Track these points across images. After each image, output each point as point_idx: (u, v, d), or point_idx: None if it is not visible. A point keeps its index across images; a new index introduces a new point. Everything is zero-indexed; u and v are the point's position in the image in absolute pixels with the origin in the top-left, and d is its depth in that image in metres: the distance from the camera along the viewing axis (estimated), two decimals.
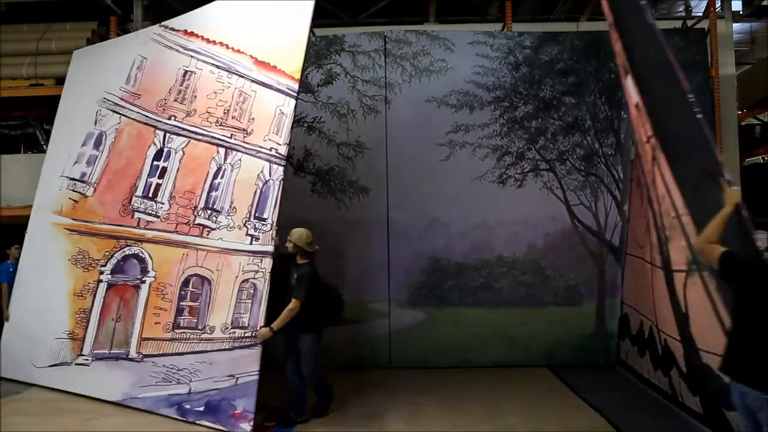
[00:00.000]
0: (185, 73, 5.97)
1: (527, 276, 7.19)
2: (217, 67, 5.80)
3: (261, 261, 5.15)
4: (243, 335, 5.06)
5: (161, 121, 5.96)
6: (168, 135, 5.91)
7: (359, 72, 7.32)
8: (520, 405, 5.57)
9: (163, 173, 5.83)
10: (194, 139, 5.77)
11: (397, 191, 7.20)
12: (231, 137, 5.58)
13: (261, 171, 5.36)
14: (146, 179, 5.89)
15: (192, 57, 5.97)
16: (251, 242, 5.24)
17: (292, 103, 5.26)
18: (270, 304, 5.03)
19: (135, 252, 5.77)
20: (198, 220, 5.53)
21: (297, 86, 5.28)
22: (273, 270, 5.09)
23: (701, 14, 8.83)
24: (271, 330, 4.91)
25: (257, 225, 5.25)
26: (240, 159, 5.51)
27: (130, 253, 5.78)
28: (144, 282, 5.63)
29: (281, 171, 5.26)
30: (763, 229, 7.38)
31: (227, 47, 5.79)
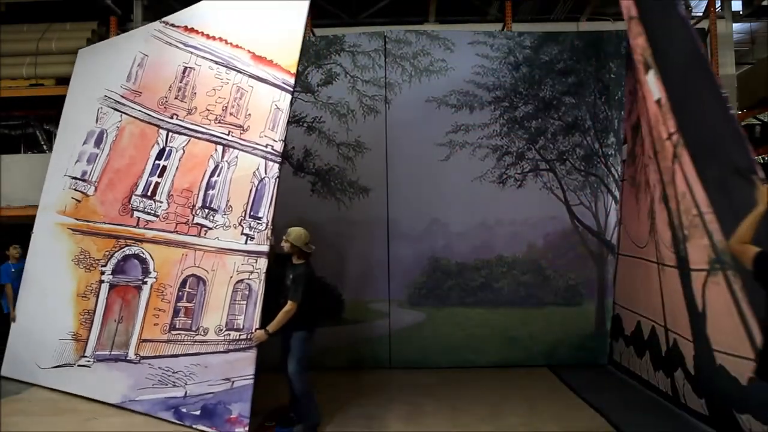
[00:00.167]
0: (185, 70, 5.85)
1: (527, 276, 7.19)
2: (216, 63, 5.67)
3: (256, 261, 5.01)
4: (238, 337, 4.94)
5: (164, 120, 5.86)
6: (170, 134, 5.80)
7: (359, 72, 7.31)
8: (520, 405, 5.57)
9: (163, 172, 5.72)
10: (195, 138, 5.65)
11: (397, 191, 7.19)
12: (228, 134, 5.45)
13: (257, 168, 5.22)
14: (147, 178, 5.79)
15: (192, 53, 5.84)
16: (246, 242, 5.10)
17: (288, 98, 5.14)
18: (266, 306, 4.90)
19: (135, 252, 5.67)
20: (196, 220, 5.42)
21: (293, 80, 5.15)
22: (268, 270, 4.97)
23: (701, 14, 8.84)
24: (267, 332, 4.78)
25: (252, 224, 5.11)
26: (237, 156, 5.37)
27: (131, 253, 5.69)
28: (146, 283, 5.55)
29: (277, 168, 5.10)
30: None
31: (226, 42, 5.65)
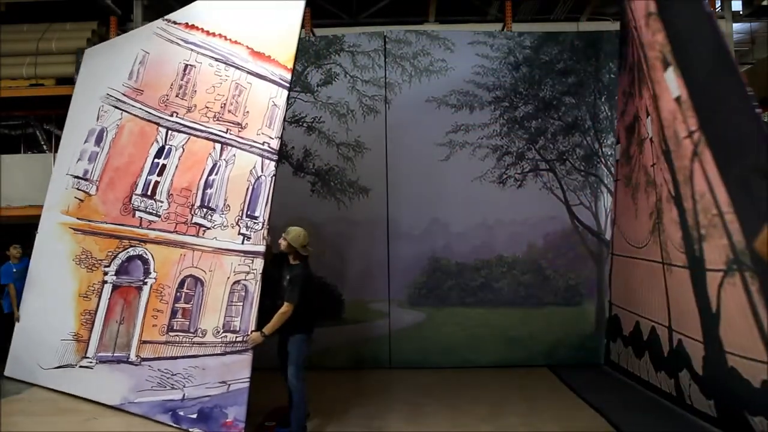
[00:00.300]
0: (186, 67, 5.78)
1: (527, 276, 7.19)
2: (216, 60, 5.61)
3: (252, 261, 4.93)
4: (234, 339, 4.86)
5: (164, 118, 5.78)
6: (170, 132, 5.73)
7: (359, 72, 7.32)
8: (520, 405, 5.57)
9: (162, 171, 5.66)
10: (194, 136, 5.58)
11: (397, 191, 7.20)
12: (226, 132, 5.38)
13: (253, 167, 5.13)
14: (146, 177, 5.72)
15: (192, 50, 5.77)
16: (243, 242, 5.02)
17: (285, 95, 5.07)
18: (263, 307, 4.84)
19: (139, 253, 5.61)
20: (195, 219, 5.34)
21: (289, 76, 5.08)
22: (265, 271, 4.89)
23: None
24: (263, 334, 4.69)
25: (249, 223, 5.03)
26: (234, 155, 5.29)
27: (135, 254, 5.63)
28: (146, 283, 5.49)
29: (273, 166, 5.02)
30: None
31: (225, 38, 5.59)
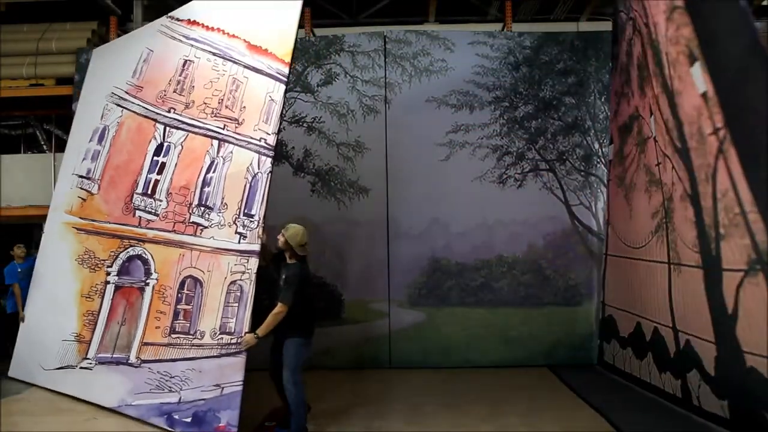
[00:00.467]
0: (185, 63, 5.70)
1: (527, 276, 7.19)
2: (214, 55, 5.51)
3: (247, 261, 4.81)
4: (229, 341, 4.75)
5: (161, 114, 5.70)
6: (168, 129, 5.63)
7: (359, 72, 7.32)
8: (520, 405, 5.56)
9: (162, 169, 5.56)
10: (192, 133, 5.48)
11: (397, 191, 7.20)
12: (224, 128, 5.26)
13: (250, 163, 5.00)
14: (146, 175, 5.63)
15: (192, 46, 5.69)
16: (239, 241, 4.90)
17: (282, 89, 4.96)
18: (263, 307, 4.73)
19: (138, 253, 5.53)
20: (193, 218, 5.23)
21: (287, 70, 4.96)
22: (265, 270, 4.81)
23: None
24: (256, 336, 4.56)
25: (246, 222, 4.90)
26: (231, 151, 5.17)
27: (134, 254, 5.56)
28: (147, 284, 5.39)
29: (269, 163, 4.89)
30: None
31: (223, 33, 5.50)
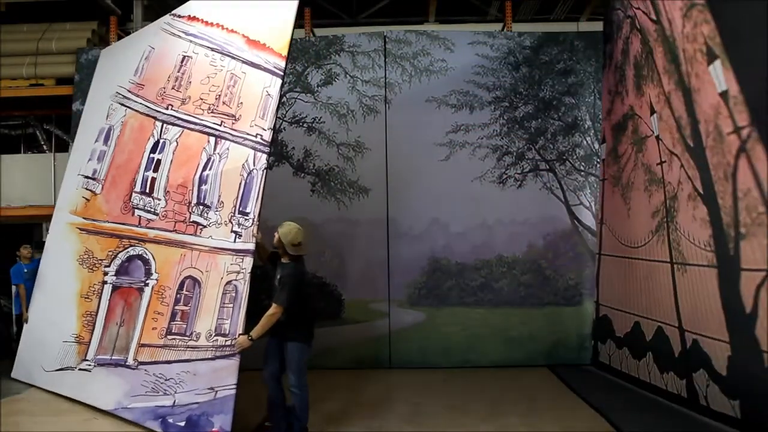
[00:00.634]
0: (183, 59, 5.60)
1: (527, 276, 7.19)
2: (212, 50, 5.40)
3: (242, 260, 4.68)
4: (224, 343, 4.62)
5: (160, 111, 5.60)
6: (164, 125, 5.52)
7: (359, 72, 7.32)
8: (520, 405, 5.56)
9: (158, 166, 5.46)
10: (188, 129, 5.37)
11: (397, 191, 7.20)
12: (221, 125, 5.15)
13: (246, 160, 4.88)
14: (143, 173, 5.54)
15: (191, 42, 5.60)
16: (235, 240, 4.78)
17: (279, 83, 4.86)
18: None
19: (139, 253, 5.43)
20: (192, 218, 5.11)
21: (284, 64, 4.86)
22: (262, 270, 4.73)
23: None
24: (250, 338, 4.43)
25: (241, 220, 4.78)
26: (228, 148, 5.06)
27: (134, 254, 5.46)
28: (147, 285, 5.29)
29: (265, 159, 4.77)
30: None
31: (222, 28, 5.40)
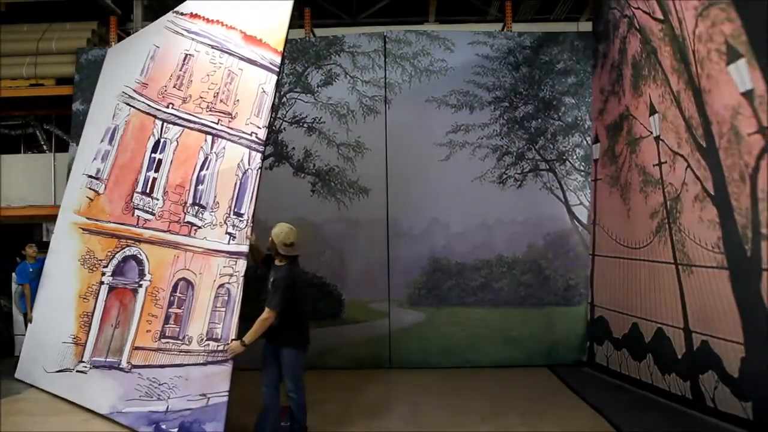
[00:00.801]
0: (185, 57, 5.57)
1: (527, 276, 7.19)
2: (212, 47, 5.37)
3: (236, 263, 4.58)
4: (216, 348, 4.52)
5: (159, 110, 5.56)
6: (165, 124, 5.48)
7: (359, 73, 7.32)
8: (520, 405, 5.56)
9: (159, 166, 5.41)
10: (187, 128, 5.32)
11: (397, 191, 7.20)
12: (218, 123, 5.08)
13: (241, 159, 4.81)
14: (145, 173, 5.50)
15: (193, 39, 5.55)
16: (229, 241, 4.69)
17: (274, 80, 4.78)
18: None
19: (134, 253, 5.39)
20: (187, 218, 5.05)
21: (279, 59, 4.77)
22: (247, 273, 4.58)
23: None
24: (243, 344, 4.30)
25: (235, 222, 4.70)
26: (224, 147, 4.98)
27: (129, 254, 5.42)
28: (141, 286, 5.22)
29: (260, 158, 4.70)
30: None
31: (222, 24, 5.37)
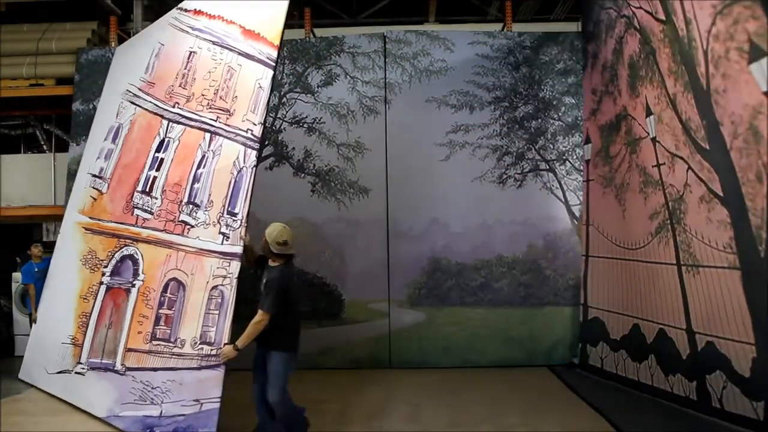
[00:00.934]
0: (189, 55, 5.47)
1: (527, 276, 7.19)
2: (214, 44, 5.26)
3: (229, 264, 4.46)
4: (209, 352, 4.40)
5: (167, 110, 5.48)
6: (170, 124, 5.39)
7: (359, 73, 7.33)
8: (520, 405, 5.56)
9: (160, 165, 5.33)
10: (189, 126, 5.22)
11: (397, 191, 7.20)
12: (216, 120, 4.98)
13: (236, 157, 4.69)
14: (147, 173, 5.42)
15: (197, 36, 5.45)
16: (222, 242, 4.57)
17: (270, 75, 4.67)
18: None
19: (131, 253, 5.29)
20: (182, 217, 4.92)
21: (276, 54, 4.67)
22: (240, 275, 4.47)
23: None
24: (236, 348, 4.20)
25: (229, 221, 4.58)
26: (221, 145, 4.87)
27: (127, 254, 5.33)
28: (134, 286, 5.11)
29: (254, 156, 4.59)
30: None
31: (223, 20, 5.27)
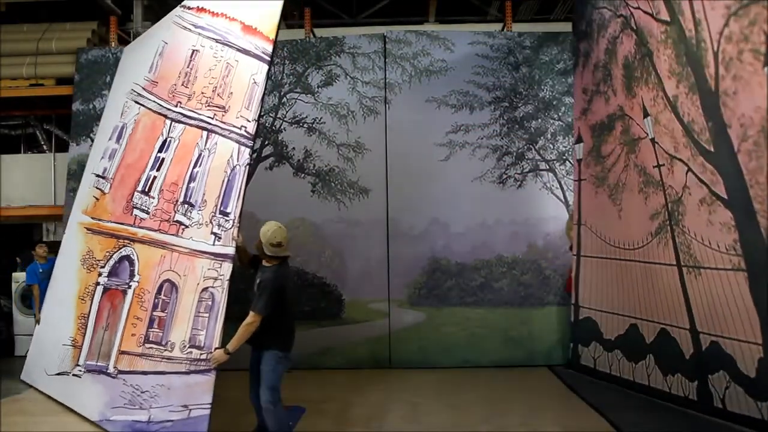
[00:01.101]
0: (192, 53, 5.39)
1: (527, 276, 7.19)
2: (216, 41, 5.17)
3: (221, 266, 4.34)
4: (199, 357, 4.29)
5: (170, 109, 5.39)
6: (173, 123, 5.31)
7: (359, 73, 7.33)
8: (520, 405, 5.57)
9: (161, 165, 5.26)
10: (189, 125, 5.14)
11: (397, 191, 7.20)
12: (213, 117, 4.89)
13: (230, 155, 4.59)
14: (147, 172, 5.35)
15: (199, 34, 5.37)
16: (214, 242, 4.45)
17: (265, 70, 4.59)
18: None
19: (128, 253, 5.21)
20: (176, 217, 4.83)
21: (271, 48, 4.58)
22: (232, 277, 4.37)
23: None
24: (226, 352, 4.11)
25: (221, 221, 4.47)
26: (216, 142, 4.77)
27: (125, 255, 5.25)
28: (130, 287, 5.02)
29: (247, 154, 4.48)
30: None
31: (225, 17, 5.19)
